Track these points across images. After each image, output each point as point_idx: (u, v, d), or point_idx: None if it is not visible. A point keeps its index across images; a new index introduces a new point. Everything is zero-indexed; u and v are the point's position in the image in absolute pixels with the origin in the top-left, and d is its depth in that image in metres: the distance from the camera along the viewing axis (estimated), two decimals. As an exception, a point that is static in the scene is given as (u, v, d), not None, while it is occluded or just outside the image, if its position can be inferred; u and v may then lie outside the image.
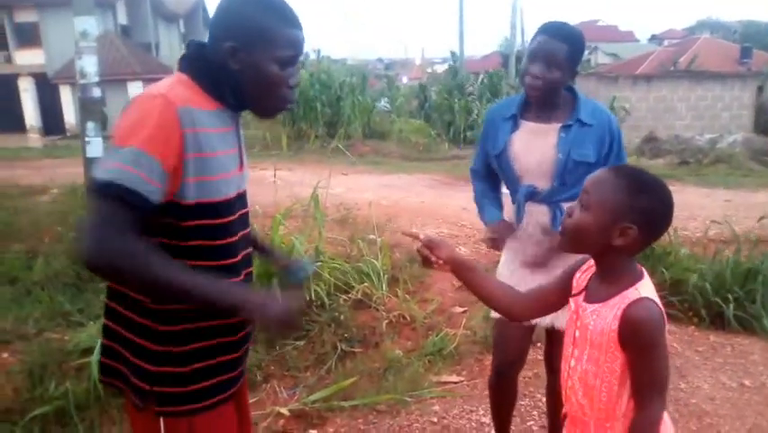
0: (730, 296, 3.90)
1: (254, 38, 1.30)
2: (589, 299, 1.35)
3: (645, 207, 1.25)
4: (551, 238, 2.07)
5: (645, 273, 1.33)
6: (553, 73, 1.97)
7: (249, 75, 1.32)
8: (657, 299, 1.29)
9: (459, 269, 1.51)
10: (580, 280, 1.41)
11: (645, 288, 1.29)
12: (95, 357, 2.69)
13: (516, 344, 2.21)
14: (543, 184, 2.09)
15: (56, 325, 3.35)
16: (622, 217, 1.25)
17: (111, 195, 1.15)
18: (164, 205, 1.22)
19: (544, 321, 2.11)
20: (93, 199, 1.17)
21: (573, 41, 1.99)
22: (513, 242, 2.19)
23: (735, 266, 4.10)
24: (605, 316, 1.29)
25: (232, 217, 1.35)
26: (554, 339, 2.20)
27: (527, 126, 2.10)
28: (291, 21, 1.34)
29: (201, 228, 1.28)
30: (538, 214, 2.11)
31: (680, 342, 3.69)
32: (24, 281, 3.95)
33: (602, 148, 2.06)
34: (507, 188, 2.24)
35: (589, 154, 2.04)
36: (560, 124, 2.06)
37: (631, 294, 1.27)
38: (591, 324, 1.32)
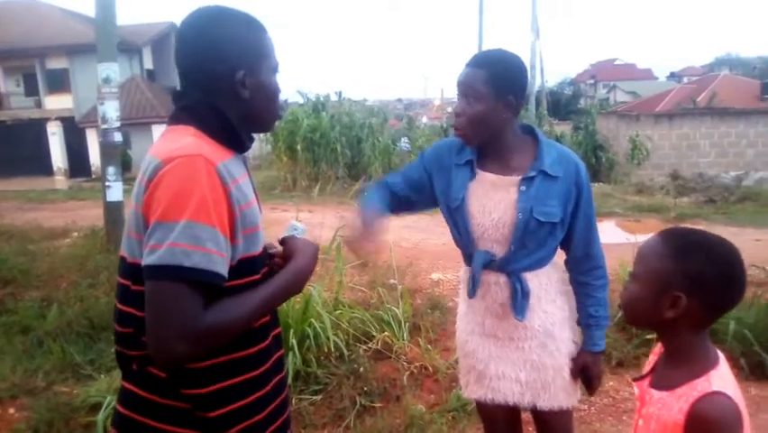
0: (772, 344, 3.67)
1: (255, 57, 1.23)
2: (655, 385, 1.20)
3: (693, 273, 1.10)
4: (510, 313, 1.78)
5: (722, 359, 1.17)
6: (475, 106, 1.66)
7: (259, 96, 1.25)
8: (734, 392, 1.12)
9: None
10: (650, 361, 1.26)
11: (720, 378, 1.12)
12: (101, 415, 2.58)
13: (502, 425, 1.99)
14: (500, 249, 1.76)
15: (65, 378, 3.26)
16: (669, 286, 1.11)
17: (177, 279, 1.04)
18: None
19: (525, 400, 1.83)
20: (155, 288, 1.05)
21: (494, 65, 1.67)
22: (468, 311, 1.91)
23: (775, 312, 3.88)
24: (670, 406, 1.13)
25: (258, 276, 1.23)
26: (543, 424, 1.91)
27: (484, 178, 1.76)
28: (264, 27, 1.27)
29: (239, 288, 1.16)
30: (495, 286, 1.79)
31: (720, 396, 3.45)
32: (37, 331, 3.88)
33: (568, 204, 1.73)
34: (461, 249, 1.90)
35: (554, 213, 1.71)
36: (520, 177, 1.72)
37: (701, 385, 1.11)
38: (656, 414, 1.16)
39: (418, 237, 7.70)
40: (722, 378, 1.13)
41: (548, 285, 1.81)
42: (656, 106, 21.93)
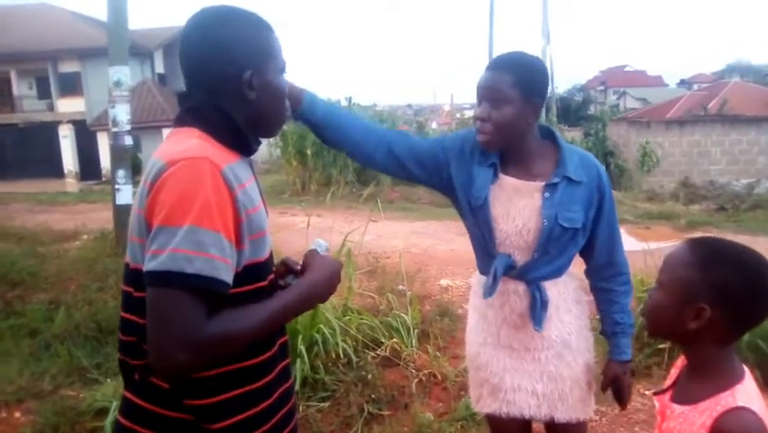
0: (786, 354, 3.61)
1: (262, 57, 1.20)
2: (677, 399, 1.16)
3: (719, 283, 1.06)
4: (529, 323, 1.74)
5: (747, 374, 1.13)
6: (503, 110, 1.61)
7: (266, 98, 1.22)
8: (758, 407, 1.08)
9: None
10: (672, 374, 1.23)
11: (745, 393, 1.08)
12: (108, 420, 2.57)
13: None
14: (521, 256, 1.72)
15: (72, 382, 3.25)
16: (694, 296, 1.07)
17: (178, 286, 1.01)
18: None
19: (541, 412, 1.78)
20: (156, 295, 1.02)
21: (519, 68, 1.64)
22: (480, 321, 1.85)
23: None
24: (692, 421, 1.09)
25: (265, 282, 1.20)
26: None
27: (507, 182, 1.71)
28: (270, 26, 1.24)
29: (245, 295, 1.13)
30: (514, 295, 1.75)
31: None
32: (44, 334, 3.88)
33: (590, 209, 1.70)
34: (477, 252, 1.87)
35: (577, 219, 1.67)
36: (543, 183, 1.68)
37: (726, 400, 1.07)
38: (677, 429, 1.12)
39: (427, 243, 7.66)
40: (747, 393, 1.09)
41: (566, 294, 1.78)
42: (666, 113, 21.80)
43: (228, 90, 1.18)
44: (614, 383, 1.82)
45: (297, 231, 4.25)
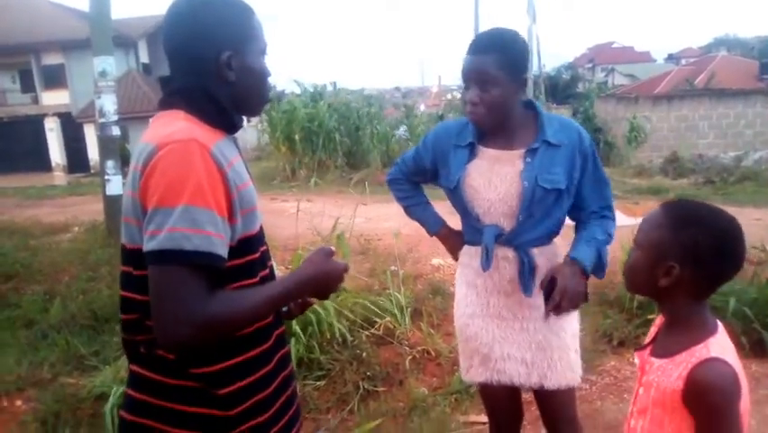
0: (772, 321, 3.69)
1: (241, 39, 1.23)
2: (655, 353, 1.22)
3: (689, 243, 1.12)
4: (518, 289, 1.81)
5: (720, 327, 1.19)
6: (492, 92, 1.68)
7: (246, 79, 1.24)
8: (732, 359, 1.14)
9: None
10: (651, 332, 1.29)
11: (718, 345, 1.14)
12: (108, 404, 2.61)
13: (503, 403, 2.01)
14: (508, 222, 1.79)
15: (70, 369, 3.29)
16: (665, 255, 1.14)
17: (179, 263, 1.05)
18: None
19: (531, 380, 1.84)
20: (157, 273, 1.06)
21: (502, 47, 1.69)
22: (469, 292, 1.91)
23: (775, 289, 3.90)
24: (670, 373, 1.15)
25: (257, 254, 1.25)
26: (548, 402, 1.91)
27: (487, 153, 1.79)
28: (251, 9, 1.27)
29: (239, 268, 1.18)
30: (503, 261, 1.81)
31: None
32: (41, 324, 3.91)
33: (573, 171, 1.76)
34: (464, 226, 1.94)
35: (558, 180, 1.73)
36: (524, 149, 1.76)
37: (700, 352, 1.13)
38: (656, 381, 1.18)
39: (418, 224, 7.70)
40: (720, 345, 1.15)
41: (553, 262, 1.84)
42: (655, 89, 21.87)
43: (209, 71, 1.21)
44: (550, 283, 1.73)
45: (287, 216, 4.28)
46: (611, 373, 3.41)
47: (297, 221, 4.21)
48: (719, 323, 1.20)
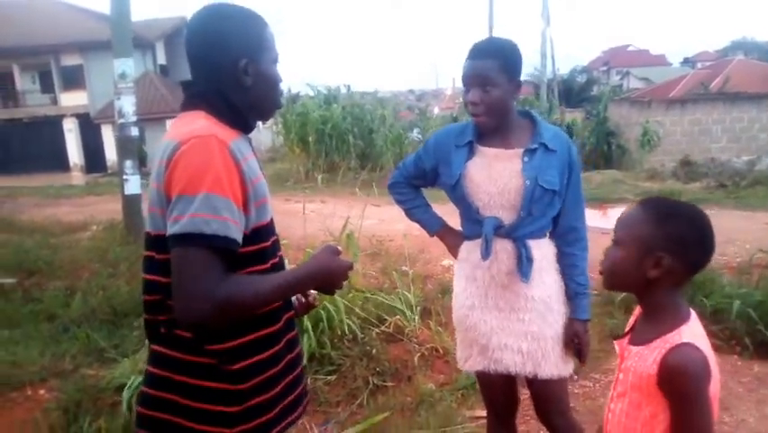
0: (776, 324, 3.73)
1: (257, 47, 1.35)
2: (634, 341, 1.31)
3: (675, 234, 1.22)
4: (516, 280, 1.91)
5: (693, 315, 1.28)
6: (492, 93, 1.83)
7: (261, 85, 1.37)
8: (703, 345, 1.22)
9: None
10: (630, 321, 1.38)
11: (690, 331, 1.23)
12: (127, 394, 2.73)
13: (499, 391, 2.10)
14: (506, 215, 1.90)
15: (91, 361, 3.41)
16: (653, 248, 1.22)
17: (199, 245, 1.16)
18: None
19: (526, 369, 1.94)
20: (179, 254, 1.17)
21: (502, 53, 1.86)
22: (468, 285, 2.01)
23: (781, 292, 3.94)
24: (646, 359, 1.24)
25: (268, 243, 1.36)
26: (541, 393, 2.02)
27: (486, 152, 1.92)
28: (265, 21, 1.40)
29: (252, 254, 1.30)
30: (502, 253, 1.91)
31: (722, 373, 3.49)
32: (62, 318, 4.05)
33: (563, 177, 1.90)
34: (463, 221, 2.05)
35: (554, 182, 1.87)
36: (522, 149, 1.89)
37: (673, 338, 1.21)
38: (633, 367, 1.27)
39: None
40: (692, 331, 1.23)
41: (548, 256, 1.96)
42: (669, 92, 21.74)
43: (227, 77, 1.34)
44: (576, 341, 1.97)
45: (300, 217, 4.38)
46: (614, 371, 3.46)
47: (310, 221, 4.33)
48: (692, 311, 1.29)
